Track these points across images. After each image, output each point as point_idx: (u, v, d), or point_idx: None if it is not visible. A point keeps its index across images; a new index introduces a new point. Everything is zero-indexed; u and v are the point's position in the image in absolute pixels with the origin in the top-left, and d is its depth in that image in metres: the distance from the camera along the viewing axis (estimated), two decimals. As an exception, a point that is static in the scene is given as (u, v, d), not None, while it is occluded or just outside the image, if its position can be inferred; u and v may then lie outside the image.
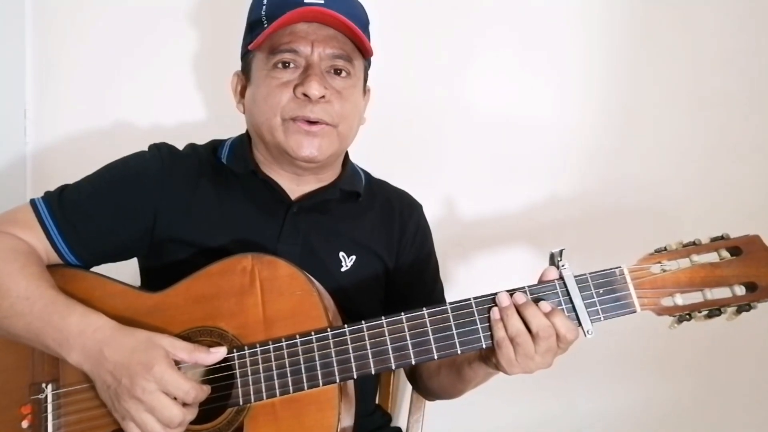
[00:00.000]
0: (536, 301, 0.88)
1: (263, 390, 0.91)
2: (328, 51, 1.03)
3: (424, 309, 0.91)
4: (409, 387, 1.27)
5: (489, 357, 0.92)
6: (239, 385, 0.91)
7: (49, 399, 0.95)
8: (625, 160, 1.48)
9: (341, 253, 1.10)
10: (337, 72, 1.05)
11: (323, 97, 1.02)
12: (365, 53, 1.08)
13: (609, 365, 1.50)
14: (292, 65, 1.03)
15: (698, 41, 1.44)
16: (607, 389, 1.51)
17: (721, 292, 0.87)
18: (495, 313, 0.88)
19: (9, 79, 1.57)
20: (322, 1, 1.02)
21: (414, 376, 1.18)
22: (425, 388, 1.17)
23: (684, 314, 0.87)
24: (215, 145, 1.16)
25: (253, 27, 1.06)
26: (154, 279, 1.03)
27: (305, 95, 1.01)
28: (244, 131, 1.16)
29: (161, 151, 1.11)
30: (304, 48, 1.02)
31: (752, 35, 1.42)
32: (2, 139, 1.56)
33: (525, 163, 1.50)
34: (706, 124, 1.45)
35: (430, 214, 1.25)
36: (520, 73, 1.50)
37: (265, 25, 1.03)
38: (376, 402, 1.26)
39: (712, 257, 0.89)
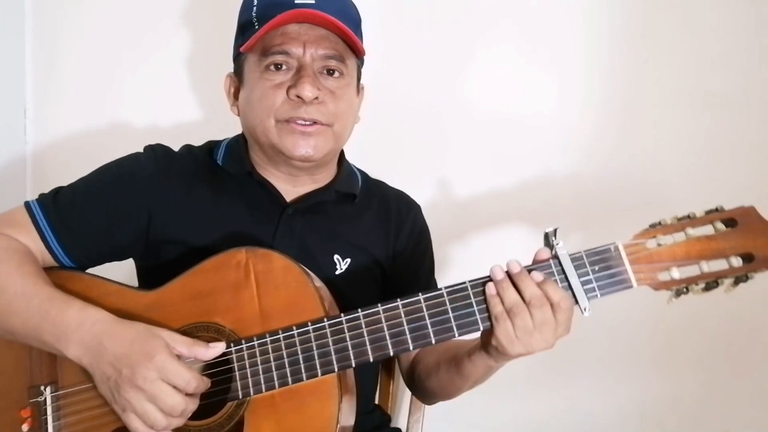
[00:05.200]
0: None
1: (262, 383, 0.91)
2: (320, 52, 1.03)
3: (420, 294, 0.90)
4: (410, 386, 1.26)
5: (488, 342, 0.91)
6: (238, 379, 0.91)
7: (48, 401, 0.95)
8: (624, 147, 1.47)
9: (336, 256, 1.09)
10: (330, 72, 1.04)
11: (317, 98, 1.02)
12: (358, 53, 1.08)
13: (609, 364, 1.49)
14: (284, 67, 1.03)
15: (699, 40, 1.43)
16: (608, 388, 1.49)
17: (718, 264, 0.86)
18: (491, 288, 0.87)
19: (9, 79, 1.58)
20: (313, 2, 1.02)
21: (412, 377, 1.16)
22: (423, 388, 1.14)
23: (681, 287, 0.87)
24: (211, 146, 1.16)
25: (245, 29, 1.06)
26: (150, 279, 1.03)
27: (298, 97, 1.01)
28: (240, 131, 1.15)
29: (156, 152, 1.11)
30: (296, 49, 1.02)
31: (752, 35, 1.41)
32: (2, 139, 1.57)
33: (522, 152, 1.49)
34: (704, 107, 1.43)
35: (428, 203, 1.24)
36: (521, 66, 1.50)
37: (257, 27, 1.02)
38: (376, 402, 1.25)
39: (707, 230, 0.88)
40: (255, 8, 1.04)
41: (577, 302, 0.87)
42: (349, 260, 1.10)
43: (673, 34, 1.43)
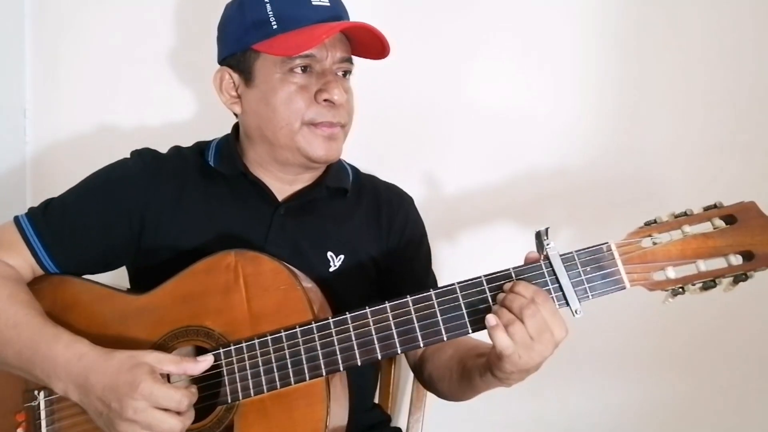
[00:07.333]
0: None
1: (251, 387, 0.90)
2: (338, 55, 1.03)
3: (408, 297, 0.88)
4: (409, 387, 1.25)
5: (493, 369, 0.88)
6: (227, 383, 0.91)
7: (42, 406, 0.96)
8: (618, 143, 1.43)
9: (329, 253, 1.09)
10: (343, 73, 1.06)
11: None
12: (380, 54, 1.07)
13: (602, 364, 1.46)
14: (308, 69, 1.02)
15: (692, 38, 1.39)
16: (601, 389, 1.47)
17: (716, 263, 0.83)
18: (491, 320, 0.83)
19: (9, 79, 1.58)
20: (328, 4, 1.02)
21: (422, 372, 1.13)
22: (435, 389, 1.13)
23: (677, 287, 0.84)
24: (201, 147, 1.14)
25: (258, 26, 1.01)
26: (143, 282, 1.03)
27: (327, 101, 1.01)
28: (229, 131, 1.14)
29: (144, 156, 1.10)
30: (320, 52, 1.02)
31: (747, 35, 1.36)
32: (2, 139, 1.57)
33: (514, 149, 1.46)
34: (700, 103, 1.39)
35: (418, 201, 1.22)
36: (513, 63, 1.46)
37: (275, 26, 1.00)
38: (376, 401, 1.24)
39: (705, 227, 0.85)
40: (268, 5, 1.01)
41: (567, 304, 0.84)
42: (342, 257, 1.09)
43: (666, 31, 1.40)
